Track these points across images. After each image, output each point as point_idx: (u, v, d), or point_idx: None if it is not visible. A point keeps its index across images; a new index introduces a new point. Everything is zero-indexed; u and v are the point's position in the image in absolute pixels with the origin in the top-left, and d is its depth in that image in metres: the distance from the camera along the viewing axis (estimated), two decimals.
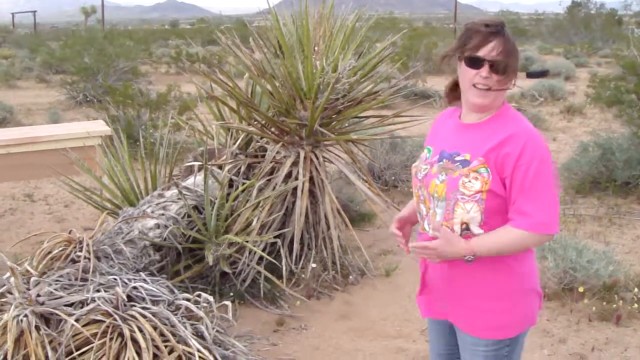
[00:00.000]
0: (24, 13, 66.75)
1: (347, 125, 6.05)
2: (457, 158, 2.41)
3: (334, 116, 5.72)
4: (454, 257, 2.39)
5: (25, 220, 7.17)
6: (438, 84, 17.40)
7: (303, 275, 5.27)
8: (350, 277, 5.44)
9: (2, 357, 3.32)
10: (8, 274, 3.67)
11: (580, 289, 4.95)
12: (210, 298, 3.85)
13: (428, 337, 2.91)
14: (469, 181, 2.35)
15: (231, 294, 4.90)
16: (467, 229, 2.39)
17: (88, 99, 15.73)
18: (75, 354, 3.38)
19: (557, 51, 32.48)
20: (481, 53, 2.35)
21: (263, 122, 5.71)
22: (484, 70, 2.35)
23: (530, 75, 20.15)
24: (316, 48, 5.69)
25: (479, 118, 2.46)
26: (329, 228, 5.43)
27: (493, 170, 2.34)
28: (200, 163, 5.28)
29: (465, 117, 2.51)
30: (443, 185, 2.40)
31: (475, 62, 2.37)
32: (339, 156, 5.97)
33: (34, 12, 50.59)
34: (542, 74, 20.53)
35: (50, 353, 3.31)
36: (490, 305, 2.46)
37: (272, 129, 5.72)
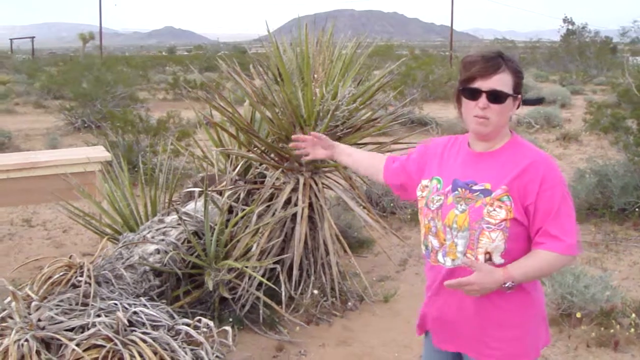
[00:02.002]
0: (22, 39, 67.17)
1: None
2: (475, 187, 2.40)
3: None
4: (494, 287, 2.34)
5: (24, 246, 7.18)
6: (434, 110, 17.55)
7: (303, 301, 5.28)
8: (349, 303, 5.45)
9: None
10: (9, 299, 3.68)
11: (578, 315, 4.97)
12: (210, 323, 3.86)
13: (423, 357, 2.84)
14: (494, 210, 2.35)
15: (230, 319, 4.90)
16: (490, 259, 2.38)
17: (86, 125, 15.80)
18: None
19: (553, 79, 32.75)
20: (477, 84, 2.37)
21: (263, 148, 5.74)
22: (482, 102, 2.36)
23: (526, 102, 20.21)
24: (315, 75, 5.74)
25: (489, 147, 2.46)
26: (327, 254, 5.44)
27: (515, 199, 2.35)
28: (200, 189, 5.30)
29: (474, 146, 2.50)
30: (464, 215, 2.38)
31: (472, 94, 2.38)
32: (337, 182, 6.00)
33: (32, 37, 50.89)
34: (538, 101, 20.66)
35: None
36: (512, 333, 2.45)
37: (272, 155, 5.75)
